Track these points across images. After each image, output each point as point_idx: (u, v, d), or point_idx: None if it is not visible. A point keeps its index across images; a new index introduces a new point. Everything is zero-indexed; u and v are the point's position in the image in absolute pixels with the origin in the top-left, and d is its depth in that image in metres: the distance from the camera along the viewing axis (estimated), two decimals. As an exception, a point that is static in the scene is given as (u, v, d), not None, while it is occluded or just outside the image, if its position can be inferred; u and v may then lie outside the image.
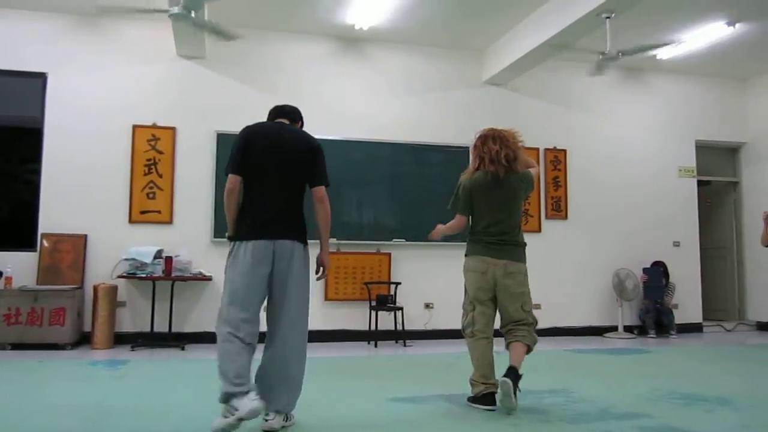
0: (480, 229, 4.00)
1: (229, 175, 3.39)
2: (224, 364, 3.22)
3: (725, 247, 9.61)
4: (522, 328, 3.91)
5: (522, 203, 4.15)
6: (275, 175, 3.43)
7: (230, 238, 3.43)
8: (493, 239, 3.95)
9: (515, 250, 3.98)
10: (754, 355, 6.76)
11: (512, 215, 4.02)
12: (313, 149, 3.52)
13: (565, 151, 8.49)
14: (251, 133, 3.50)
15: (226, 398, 3.15)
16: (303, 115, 3.77)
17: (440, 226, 4.23)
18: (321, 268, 3.60)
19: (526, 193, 4.13)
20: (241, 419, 3.08)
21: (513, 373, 3.71)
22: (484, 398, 3.86)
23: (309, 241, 3.46)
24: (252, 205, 3.41)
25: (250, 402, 3.10)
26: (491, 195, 3.97)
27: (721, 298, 9.52)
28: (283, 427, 3.35)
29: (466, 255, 4.06)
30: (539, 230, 8.30)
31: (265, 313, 3.42)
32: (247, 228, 3.37)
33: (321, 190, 3.50)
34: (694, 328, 8.73)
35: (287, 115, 3.68)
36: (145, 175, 7.17)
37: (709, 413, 3.85)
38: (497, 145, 3.94)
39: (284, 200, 3.44)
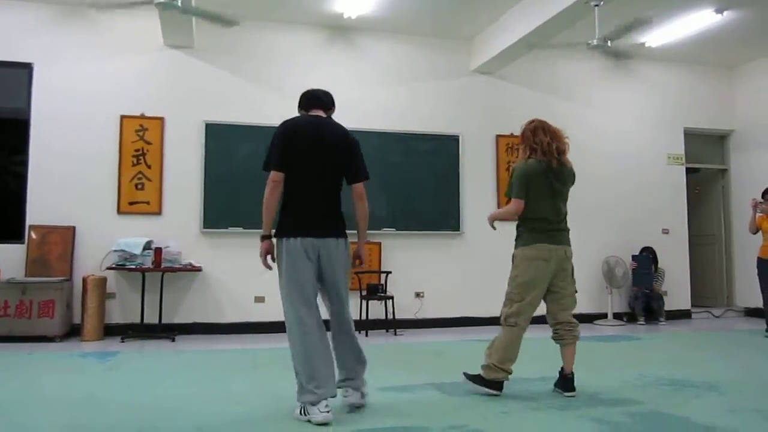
0: (537, 216, 3.98)
1: (272, 172, 3.39)
2: (301, 364, 3.32)
3: (713, 234, 9.67)
4: (576, 329, 4.03)
5: (568, 195, 4.18)
6: (315, 171, 3.45)
7: (273, 236, 3.43)
8: (551, 227, 3.99)
9: (567, 236, 4.09)
10: (742, 341, 6.82)
11: (564, 204, 4.10)
12: (352, 144, 3.57)
13: (554, 139, 8.49)
14: (291, 127, 3.50)
15: (302, 402, 3.32)
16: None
17: (496, 211, 4.24)
18: (358, 261, 3.73)
19: (570, 186, 4.20)
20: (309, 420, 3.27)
21: (570, 382, 3.96)
22: (496, 384, 3.92)
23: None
24: (293, 202, 3.44)
25: (319, 414, 3.24)
26: (547, 183, 3.99)
27: (710, 285, 9.59)
28: (360, 405, 3.56)
29: (522, 245, 4.02)
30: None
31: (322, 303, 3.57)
32: (293, 225, 3.41)
33: (360, 187, 3.57)
34: (682, 315, 8.80)
35: (322, 104, 3.70)
36: (134, 165, 7.11)
37: (697, 398, 3.89)
38: (548, 137, 3.99)
39: (325, 196, 3.49)
